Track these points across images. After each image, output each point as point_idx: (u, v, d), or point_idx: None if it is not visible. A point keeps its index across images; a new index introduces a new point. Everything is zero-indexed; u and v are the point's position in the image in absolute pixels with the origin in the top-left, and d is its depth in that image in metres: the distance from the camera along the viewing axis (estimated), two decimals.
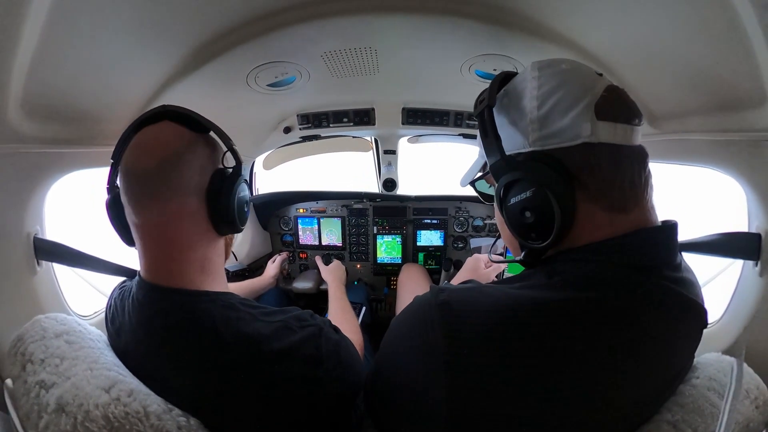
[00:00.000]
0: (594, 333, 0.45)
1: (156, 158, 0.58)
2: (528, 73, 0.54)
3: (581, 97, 0.48)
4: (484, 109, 0.55)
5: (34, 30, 0.59)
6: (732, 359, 0.59)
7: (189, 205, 0.60)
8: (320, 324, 0.64)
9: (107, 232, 0.69)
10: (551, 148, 0.50)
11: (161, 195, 0.58)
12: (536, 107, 0.50)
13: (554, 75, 0.51)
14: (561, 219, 0.48)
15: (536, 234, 0.51)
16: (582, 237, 0.50)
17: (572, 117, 0.48)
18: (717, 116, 0.72)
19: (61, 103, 0.77)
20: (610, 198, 0.48)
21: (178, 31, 0.77)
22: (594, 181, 0.48)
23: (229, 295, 0.64)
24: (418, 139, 1.82)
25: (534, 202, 0.49)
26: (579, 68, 0.53)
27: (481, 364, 0.44)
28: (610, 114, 0.48)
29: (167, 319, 0.58)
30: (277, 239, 2.05)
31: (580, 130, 0.47)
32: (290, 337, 0.59)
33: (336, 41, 0.91)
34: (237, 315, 0.59)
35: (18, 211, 0.79)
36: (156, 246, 0.61)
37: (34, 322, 0.63)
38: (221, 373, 0.56)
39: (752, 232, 0.72)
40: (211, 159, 0.65)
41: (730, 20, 0.53)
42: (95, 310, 1.05)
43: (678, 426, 0.50)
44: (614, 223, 0.49)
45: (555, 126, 0.49)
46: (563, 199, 0.48)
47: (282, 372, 0.57)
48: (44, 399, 0.51)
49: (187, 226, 0.61)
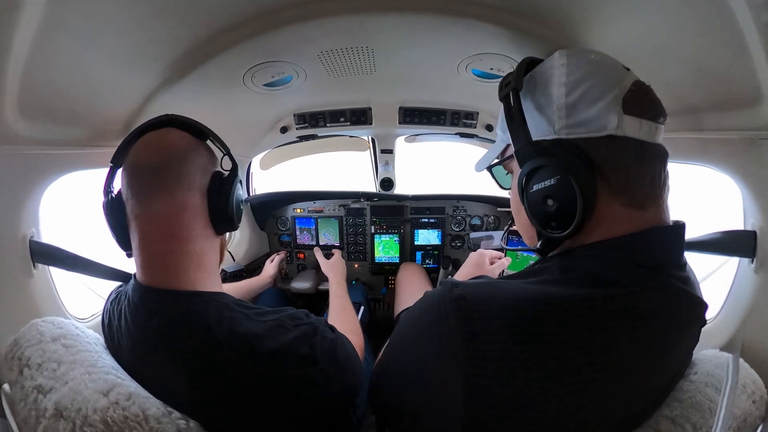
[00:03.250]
0: (609, 330, 0.45)
1: (165, 154, 0.63)
2: (556, 60, 0.53)
3: (609, 89, 0.48)
4: (510, 92, 0.54)
5: (29, 31, 0.58)
6: (729, 355, 0.60)
7: (192, 201, 0.64)
8: (315, 323, 0.65)
9: (102, 233, 0.70)
10: (577, 138, 0.49)
11: (169, 187, 0.62)
12: (564, 94, 0.50)
13: (583, 64, 0.51)
14: (583, 210, 0.48)
15: (556, 223, 0.51)
16: (598, 231, 0.50)
17: (600, 108, 0.48)
18: (712, 114, 0.72)
19: (57, 104, 0.77)
20: (630, 193, 0.48)
21: (174, 31, 0.76)
22: (616, 175, 0.48)
23: (222, 295, 0.65)
24: (415, 138, 1.82)
25: (558, 191, 0.49)
26: (607, 60, 0.52)
27: (499, 360, 0.44)
28: (637, 109, 0.48)
29: (161, 319, 0.59)
30: (274, 239, 2.04)
31: (607, 121, 0.47)
32: (284, 336, 0.59)
33: (333, 40, 0.91)
34: (231, 314, 0.60)
35: (14, 212, 0.78)
36: (157, 238, 0.62)
37: (30, 326, 0.62)
38: (215, 372, 0.57)
39: (748, 229, 0.73)
40: (211, 162, 0.70)
41: (726, 19, 0.53)
42: (92, 313, 1.04)
43: (677, 421, 0.51)
44: (631, 219, 0.49)
45: (582, 115, 0.49)
46: (587, 189, 0.48)
47: (276, 371, 0.57)
48: (42, 404, 0.51)
49: (188, 220, 0.64)
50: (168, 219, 0.62)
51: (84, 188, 1.15)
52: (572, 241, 0.53)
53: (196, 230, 0.65)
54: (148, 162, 0.62)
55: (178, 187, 0.62)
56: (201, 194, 0.66)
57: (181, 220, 0.63)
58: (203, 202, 0.66)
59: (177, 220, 0.62)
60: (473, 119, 1.49)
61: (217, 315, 0.59)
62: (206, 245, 0.67)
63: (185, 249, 0.63)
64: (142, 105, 0.95)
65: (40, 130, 0.75)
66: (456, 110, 1.46)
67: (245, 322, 0.59)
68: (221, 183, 0.68)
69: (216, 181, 0.67)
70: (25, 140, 0.73)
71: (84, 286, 1.21)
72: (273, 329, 0.60)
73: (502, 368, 0.43)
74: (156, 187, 0.61)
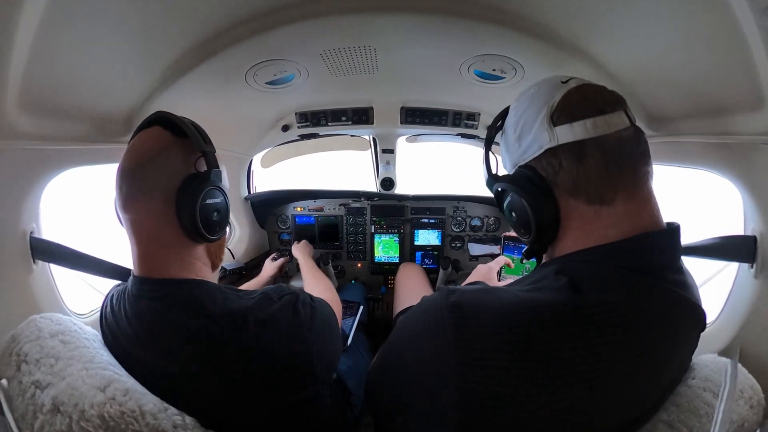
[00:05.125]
0: (603, 335, 0.45)
1: (133, 160, 0.63)
2: (511, 106, 0.63)
3: (539, 113, 0.55)
4: (485, 143, 0.68)
5: (31, 27, 0.58)
6: (727, 360, 0.60)
7: (154, 206, 0.62)
8: (296, 292, 0.70)
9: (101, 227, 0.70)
10: (527, 162, 0.57)
11: (133, 193, 0.62)
12: (513, 132, 0.60)
13: (523, 101, 0.59)
14: (534, 214, 0.55)
15: (524, 230, 0.59)
16: (579, 234, 0.53)
17: (534, 131, 0.55)
18: (713, 119, 0.72)
19: (58, 100, 0.77)
20: (584, 190, 0.52)
21: (176, 28, 0.76)
22: (564, 178, 0.53)
23: (213, 282, 0.68)
24: (416, 138, 1.82)
25: (513, 203, 0.59)
26: (544, 86, 0.58)
27: (492, 366, 0.44)
28: (565, 117, 0.52)
29: (158, 303, 0.61)
30: (274, 238, 2.04)
31: (542, 140, 0.53)
32: (272, 307, 0.64)
33: (335, 39, 0.91)
34: (223, 295, 0.64)
35: (14, 208, 0.78)
36: (139, 241, 0.64)
37: (29, 322, 0.62)
38: (212, 348, 0.59)
39: (748, 234, 0.72)
40: (185, 163, 0.65)
41: (728, 23, 0.53)
42: (91, 308, 1.04)
43: (674, 425, 0.51)
44: (602, 215, 0.51)
45: (525, 143, 0.57)
46: (535, 197, 0.55)
47: (269, 336, 0.61)
48: (39, 399, 0.51)
49: (156, 226, 0.63)
50: (140, 224, 0.63)
51: (86, 183, 1.15)
52: (564, 247, 0.55)
53: (167, 237, 0.63)
54: (122, 166, 0.63)
55: (139, 194, 0.62)
56: (164, 200, 0.62)
57: (148, 225, 0.63)
58: (168, 208, 0.62)
59: (146, 226, 0.63)
60: (475, 120, 1.49)
61: (211, 296, 0.62)
62: (185, 252, 0.66)
63: (163, 252, 0.64)
64: (143, 102, 0.95)
65: (41, 125, 0.75)
66: (458, 111, 1.46)
67: (237, 301, 0.64)
68: (187, 188, 0.63)
69: (184, 186, 0.63)
70: (27, 136, 0.72)
71: (83, 282, 1.21)
72: (261, 302, 0.64)
73: (495, 374, 0.44)
74: (126, 194, 0.62)
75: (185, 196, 0.62)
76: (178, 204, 0.62)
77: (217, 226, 0.68)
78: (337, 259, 2.02)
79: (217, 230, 0.68)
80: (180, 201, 0.62)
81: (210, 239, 0.67)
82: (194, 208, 0.62)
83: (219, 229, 0.69)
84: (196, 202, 0.62)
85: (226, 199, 0.69)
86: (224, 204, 0.69)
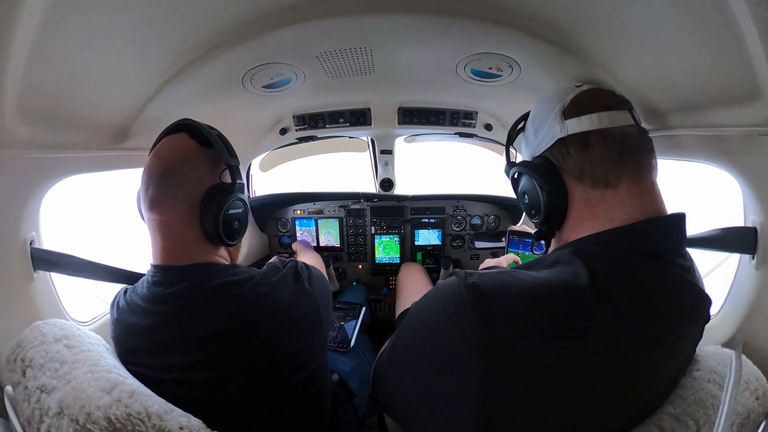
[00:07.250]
0: (621, 316, 0.46)
1: (161, 165, 0.68)
2: (532, 106, 0.72)
3: (553, 108, 0.62)
4: (507, 140, 0.81)
5: (27, 36, 0.58)
6: (731, 352, 0.60)
7: (181, 211, 0.68)
8: (295, 260, 0.81)
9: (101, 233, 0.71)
10: (542, 152, 0.64)
11: (160, 197, 0.67)
12: (531, 126, 0.69)
13: (540, 101, 0.69)
14: (544, 194, 0.61)
15: (534, 211, 0.65)
16: (586, 216, 0.58)
17: (549, 123, 0.62)
18: (711, 111, 0.72)
19: (56, 108, 0.76)
20: (589, 174, 0.57)
21: (172, 34, 0.77)
22: (572, 164, 0.59)
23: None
24: (414, 138, 1.83)
25: (525, 186, 0.67)
26: (560, 89, 0.66)
27: (514, 346, 0.45)
28: (575, 112, 0.59)
29: (185, 282, 0.66)
30: (274, 241, 2.04)
31: (555, 131, 0.61)
32: (280, 273, 0.74)
33: (331, 41, 0.91)
34: (240, 269, 0.73)
35: (14, 216, 0.78)
36: (162, 237, 0.70)
37: (32, 328, 0.62)
38: (236, 309, 0.65)
39: (748, 226, 0.73)
40: (210, 174, 0.72)
41: (724, 15, 0.54)
42: (94, 316, 1.04)
43: (680, 418, 0.51)
44: (607, 198, 0.56)
45: (541, 135, 0.65)
46: (546, 181, 0.61)
47: (282, 291, 0.71)
48: (45, 403, 0.51)
49: (181, 229, 0.69)
50: (164, 225, 0.69)
51: (86, 190, 1.15)
52: (572, 232, 0.60)
53: (191, 239, 0.70)
54: (150, 169, 0.69)
55: (167, 199, 0.67)
56: (189, 206, 0.68)
57: (173, 228, 0.69)
58: (192, 214, 0.68)
59: (170, 227, 0.69)
60: (472, 119, 1.49)
61: (231, 270, 0.70)
62: (208, 255, 0.72)
63: (185, 252, 0.70)
64: (141, 108, 0.95)
65: (39, 134, 0.75)
66: (455, 110, 1.47)
67: (252, 271, 0.72)
68: (213, 198, 0.69)
69: (209, 195, 0.69)
70: (25, 144, 0.72)
71: (85, 290, 1.21)
72: (272, 270, 0.74)
73: (518, 354, 0.44)
74: (153, 195, 0.67)
75: (210, 205, 0.69)
76: (202, 211, 0.69)
77: (237, 234, 0.76)
78: (338, 261, 2.02)
79: (237, 237, 0.77)
80: (204, 209, 0.69)
81: (230, 244, 0.75)
82: (218, 217, 0.69)
83: (238, 236, 0.77)
84: (220, 211, 0.69)
85: (246, 209, 0.78)
86: (245, 213, 0.78)
